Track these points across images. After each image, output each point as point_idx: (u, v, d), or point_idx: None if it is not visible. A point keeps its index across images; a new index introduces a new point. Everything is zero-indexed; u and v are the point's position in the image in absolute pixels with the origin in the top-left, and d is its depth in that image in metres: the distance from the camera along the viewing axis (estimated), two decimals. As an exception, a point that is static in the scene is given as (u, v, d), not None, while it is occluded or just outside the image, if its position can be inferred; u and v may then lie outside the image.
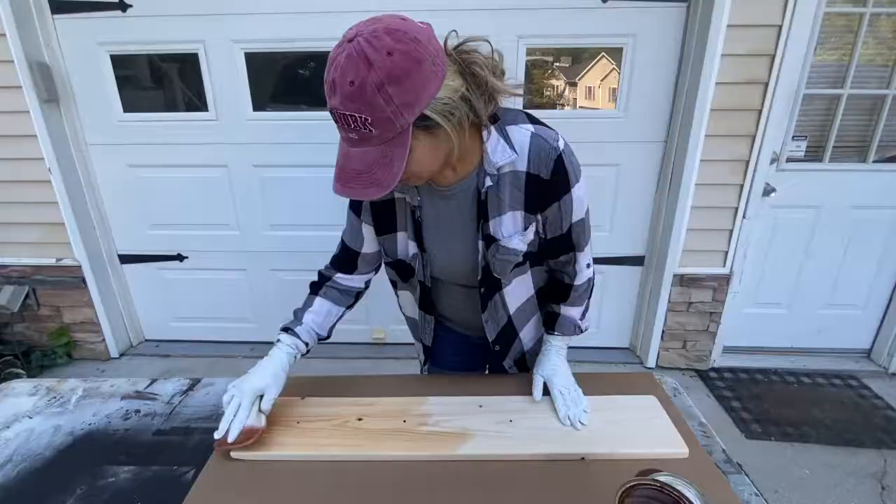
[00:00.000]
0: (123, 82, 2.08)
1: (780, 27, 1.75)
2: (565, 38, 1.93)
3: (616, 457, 0.79)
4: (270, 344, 0.91)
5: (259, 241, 2.32)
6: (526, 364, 1.07)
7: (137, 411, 0.95)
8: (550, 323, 0.98)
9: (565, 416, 0.86)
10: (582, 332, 1.02)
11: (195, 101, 2.10)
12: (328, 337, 0.98)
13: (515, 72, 1.97)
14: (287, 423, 0.87)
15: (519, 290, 0.95)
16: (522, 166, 0.78)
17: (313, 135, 2.08)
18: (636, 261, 2.29)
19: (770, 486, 1.63)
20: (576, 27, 1.90)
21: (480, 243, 0.84)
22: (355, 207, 0.91)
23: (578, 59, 2.05)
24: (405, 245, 0.89)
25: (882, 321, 2.30)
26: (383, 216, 0.88)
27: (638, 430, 0.84)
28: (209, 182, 2.21)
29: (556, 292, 0.97)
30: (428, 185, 0.82)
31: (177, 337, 2.56)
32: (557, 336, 0.98)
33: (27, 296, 2.29)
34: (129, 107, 2.11)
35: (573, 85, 2.06)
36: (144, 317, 2.54)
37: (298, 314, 0.95)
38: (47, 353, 2.35)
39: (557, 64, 2.02)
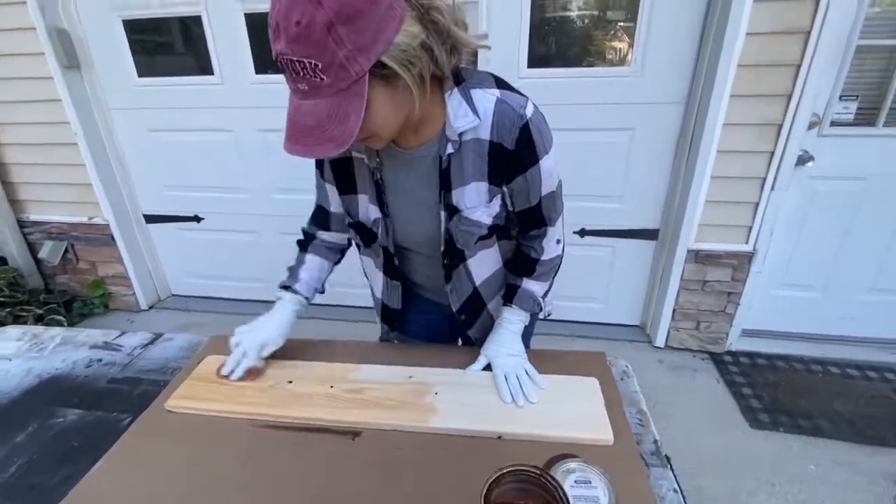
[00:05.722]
0: (137, 47, 2.14)
1: (828, -36, 1.49)
2: (574, -14, 1.76)
3: (534, 438, 0.76)
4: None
5: (268, 204, 2.38)
6: None
7: (100, 360, 1.02)
8: (509, 296, 0.94)
9: (508, 400, 0.82)
10: (541, 310, 0.98)
11: (204, 64, 2.13)
12: (323, 291, 1.01)
13: (519, 28, 1.83)
14: (221, 381, 0.90)
15: (485, 262, 0.91)
16: (486, 134, 0.73)
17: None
18: (650, 234, 2.14)
19: (767, 479, 1.53)
20: (586, -26, 1.72)
21: (443, 213, 0.80)
22: (319, 164, 0.88)
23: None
24: (366, 208, 0.85)
25: (937, 310, 2.03)
26: (344, 176, 0.84)
27: (566, 412, 0.80)
28: (218, 146, 2.26)
29: (521, 266, 0.93)
30: (389, 147, 0.77)
31: (198, 293, 2.73)
32: (514, 309, 0.93)
33: (66, 250, 2.50)
34: (142, 72, 2.18)
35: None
36: (170, 273, 2.72)
37: (294, 271, 0.97)
38: (87, 303, 2.59)
39: (621, 24, 1.82)
